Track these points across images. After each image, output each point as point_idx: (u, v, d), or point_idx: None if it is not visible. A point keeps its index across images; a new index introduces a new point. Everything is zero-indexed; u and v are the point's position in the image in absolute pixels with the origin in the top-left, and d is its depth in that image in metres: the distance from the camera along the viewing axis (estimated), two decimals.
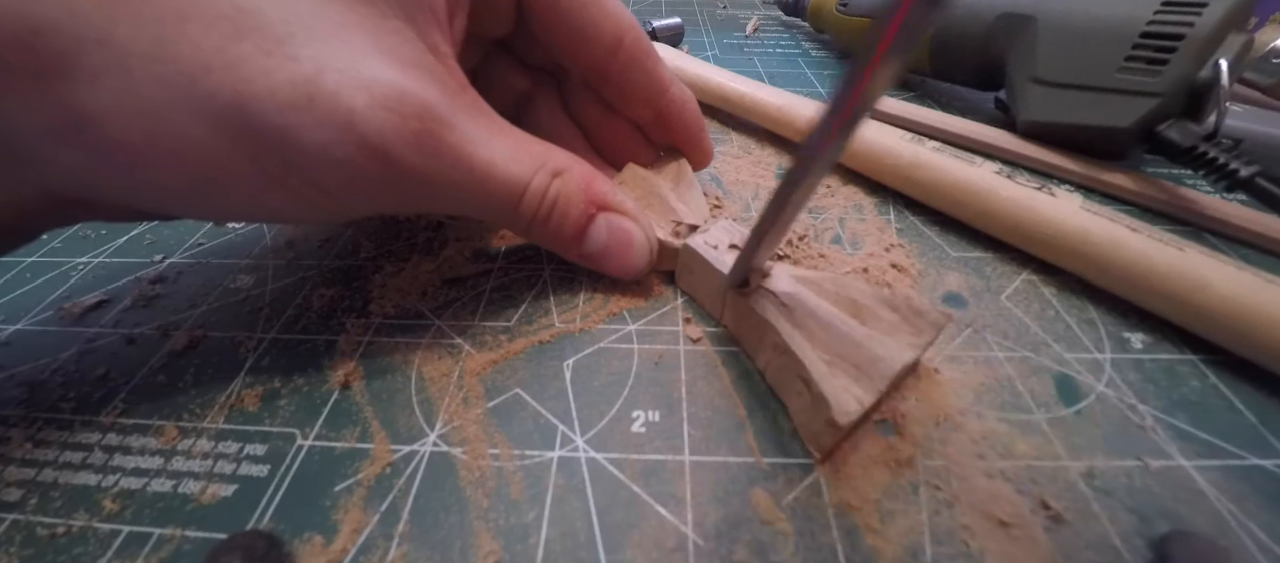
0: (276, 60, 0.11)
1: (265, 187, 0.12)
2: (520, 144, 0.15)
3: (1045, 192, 0.19)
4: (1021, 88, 0.25)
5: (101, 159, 0.11)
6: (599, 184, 0.16)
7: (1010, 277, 0.19)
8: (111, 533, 0.12)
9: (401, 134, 0.12)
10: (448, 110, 0.13)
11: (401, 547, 0.12)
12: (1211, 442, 0.14)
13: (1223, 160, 0.19)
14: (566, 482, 0.13)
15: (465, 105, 0.14)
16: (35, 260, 0.20)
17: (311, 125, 0.11)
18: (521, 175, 0.15)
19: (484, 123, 0.14)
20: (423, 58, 0.13)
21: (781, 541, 0.12)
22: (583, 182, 0.16)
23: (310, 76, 0.11)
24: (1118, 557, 0.12)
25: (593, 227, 0.16)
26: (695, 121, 0.20)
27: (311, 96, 0.11)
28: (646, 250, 0.17)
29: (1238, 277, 0.15)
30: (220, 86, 0.11)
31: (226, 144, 0.11)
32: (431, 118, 0.13)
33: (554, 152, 0.16)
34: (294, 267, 0.19)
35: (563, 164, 0.16)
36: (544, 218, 0.15)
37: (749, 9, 0.50)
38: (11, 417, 0.15)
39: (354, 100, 0.12)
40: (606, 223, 0.16)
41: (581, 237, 0.16)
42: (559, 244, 0.16)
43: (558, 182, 0.15)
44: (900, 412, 0.14)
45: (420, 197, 0.14)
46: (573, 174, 0.16)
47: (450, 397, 0.15)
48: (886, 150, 0.22)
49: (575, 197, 0.16)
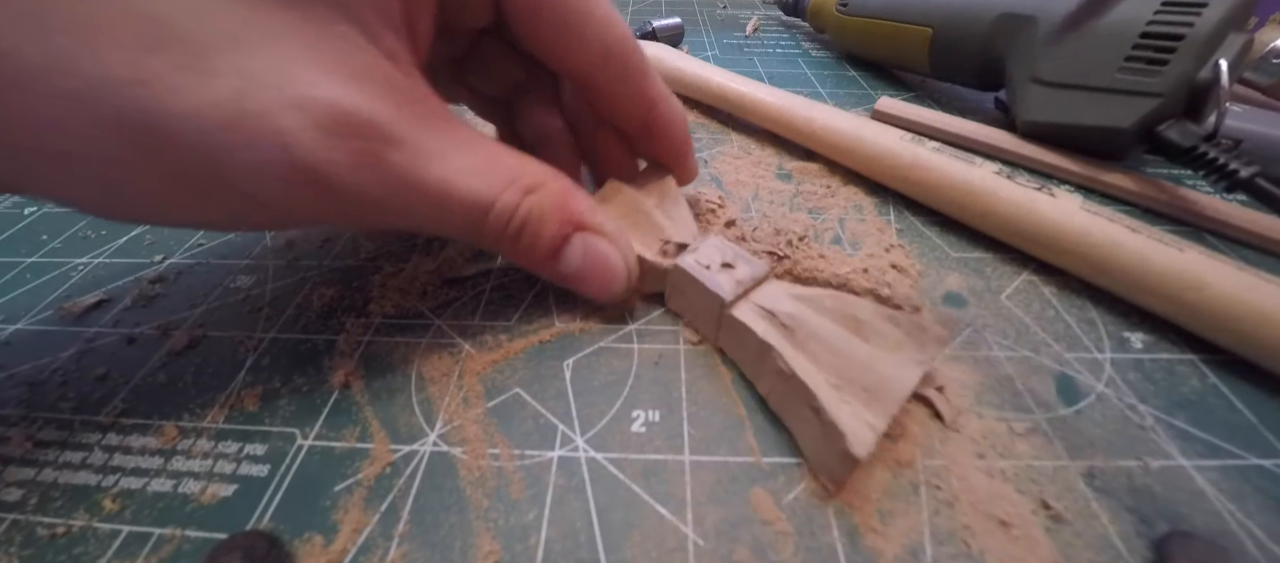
0: (197, 76, 0.10)
1: (193, 202, 0.12)
2: (488, 157, 0.14)
3: (1045, 192, 0.19)
4: (1021, 88, 0.25)
5: (17, 168, 0.11)
6: (576, 201, 0.15)
7: (1010, 277, 0.19)
8: (111, 533, 0.12)
9: (339, 156, 0.11)
10: (397, 125, 0.12)
11: (401, 547, 0.12)
12: (1211, 442, 0.14)
13: (1223, 160, 0.19)
14: (566, 482, 0.13)
15: (421, 116, 0.13)
16: (35, 260, 0.20)
17: (239, 146, 0.11)
18: (485, 192, 0.13)
19: (444, 135, 0.13)
20: (372, 66, 0.13)
21: (781, 541, 0.12)
22: (558, 198, 0.15)
23: (235, 94, 0.10)
24: (1118, 557, 0.12)
25: (567, 247, 0.15)
26: (682, 139, 0.19)
27: (237, 116, 0.10)
28: (624, 273, 0.16)
29: (1237, 277, 0.15)
30: (131, 103, 0.10)
31: (142, 159, 0.11)
32: (375, 136, 0.12)
33: (529, 165, 0.15)
34: (294, 267, 0.19)
35: (537, 179, 0.15)
36: (514, 236, 0.14)
37: (749, 9, 0.50)
38: (11, 417, 0.15)
39: (284, 120, 0.11)
40: (582, 243, 0.15)
41: (555, 256, 0.15)
42: (532, 263, 0.15)
43: (530, 199, 0.14)
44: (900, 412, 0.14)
45: (370, 217, 0.13)
46: (548, 190, 0.15)
47: (450, 397, 0.15)
48: (886, 150, 0.22)
49: (549, 215, 0.15)
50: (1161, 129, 0.21)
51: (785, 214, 0.22)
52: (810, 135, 0.25)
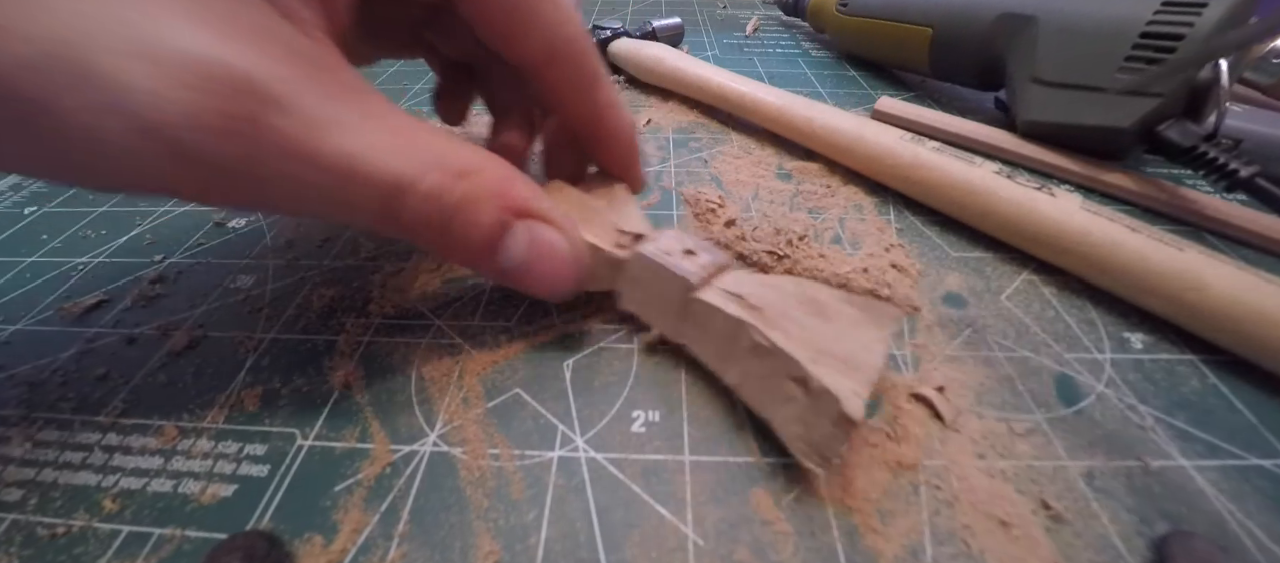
0: (24, 9, 0.09)
1: (22, 155, 0.10)
2: (409, 136, 0.12)
3: (1045, 192, 0.19)
4: (1021, 88, 0.25)
5: None
6: (518, 188, 0.13)
7: (1010, 277, 0.19)
8: (111, 533, 0.12)
9: (202, 118, 0.10)
10: (285, 86, 0.10)
11: (401, 547, 0.12)
12: (1211, 442, 0.14)
13: (1223, 160, 0.19)
14: (566, 482, 0.13)
15: (322, 83, 0.11)
16: (35, 260, 0.20)
17: (71, 104, 0.09)
18: (404, 171, 0.12)
19: (351, 105, 0.11)
20: (262, 23, 0.11)
21: (781, 541, 0.12)
22: (497, 183, 0.13)
23: (67, 36, 0.09)
24: (1118, 557, 0.12)
25: (509, 237, 0.13)
26: (628, 149, 0.18)
27: (69, 62, 0.09)
28: (574, 263, 0.14)
29: (1237, 277, 0.15)
30: None
31: None
32: (252, 96, 0.10)
33: (461, 149, 0.13)
34: (294, 267, 0.19)
35: (471, 164, 0.13)
36: (443, 224, 0.12)
37: (749, 9, 0.50)
38: (11, 417, 0.15)
39: (129, 72, 0.09)
40: (527, 232, 0.13)
41: (494, 249, 0.13)
42: (466, 256, 0.13)
43: (464, 183, 0.12)
44: (900, 412, 0.14)
45: (251, 193, 0.11)
46: (485, 175, 0.13)
47: (450, 397, 0.15)
48: (886, 150, 0.22)
49: (486, 200, 0.13)
50: (1161, 129, 0.21)
51: (785, 214, 0.22)
52: (810, 135, 0.25)
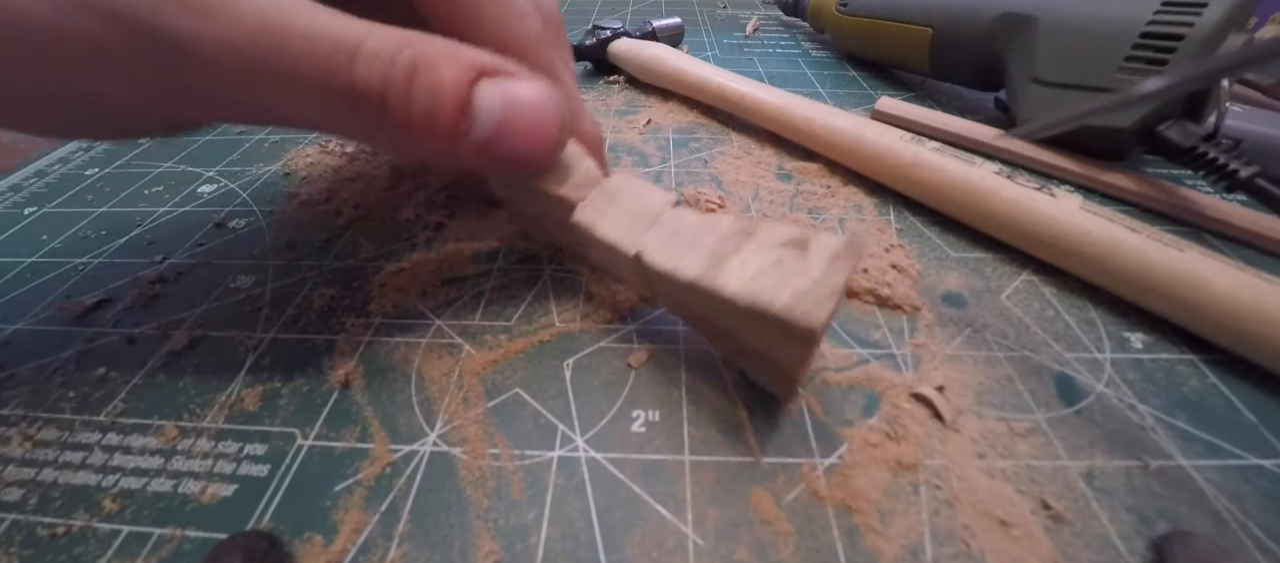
0: None
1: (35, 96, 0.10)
2: (345, 12, 0.11)
3: (1045, 192, 0.19)
4: (1021, 88, 0.25)
5: None
6: (472, 52, 0.12)
7: (1010, 277, 0.19)
8: (111, 533, 0.12)
9: (110, 36, 0.09)
10: None
11: (401, 547, 0.12)
12: (1211, 442, 0.14)
13: (1223, 160, 0.19)
14: (566, 482, 0.13)
15: None
16: (35, 260, 0.20)
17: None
18: (347, 34, 0.11)
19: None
20: None
21: (781, 541, 0.12)
22: (447, 45, 0.12)
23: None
24: (1118, 557, 0.12)
25: (478, 95, 0.12)
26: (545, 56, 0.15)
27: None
28: (557, 114, 0.13)
29: (1237, 277, 0.15)
30: None
31: None
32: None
33: (410, 33, 0.12)
34: (294, 267, 0.19)
35: (412, 33, 0.11)
36: (401, 96, 0.11)
37: (749, 9, 0.50)
38: (11, 417, 0.15)
39: None
40: (498, 88, 0.12)
41: (462, 113, 0.11)
42: (430, 135, 0.12)
43: (414, 46, 0.11)
44: (900, 412, 0.14)
45: (203, 81, 0.10)
46: (433, 40, 0.12)
47: (450, 397, 0.15)
48: (886, 150, 0.22)
49: (442, 59, 0.11)
50: (1161, 129, 0.21)
51: (785, 214, 0.22)
52: (810, 135, 0.25)
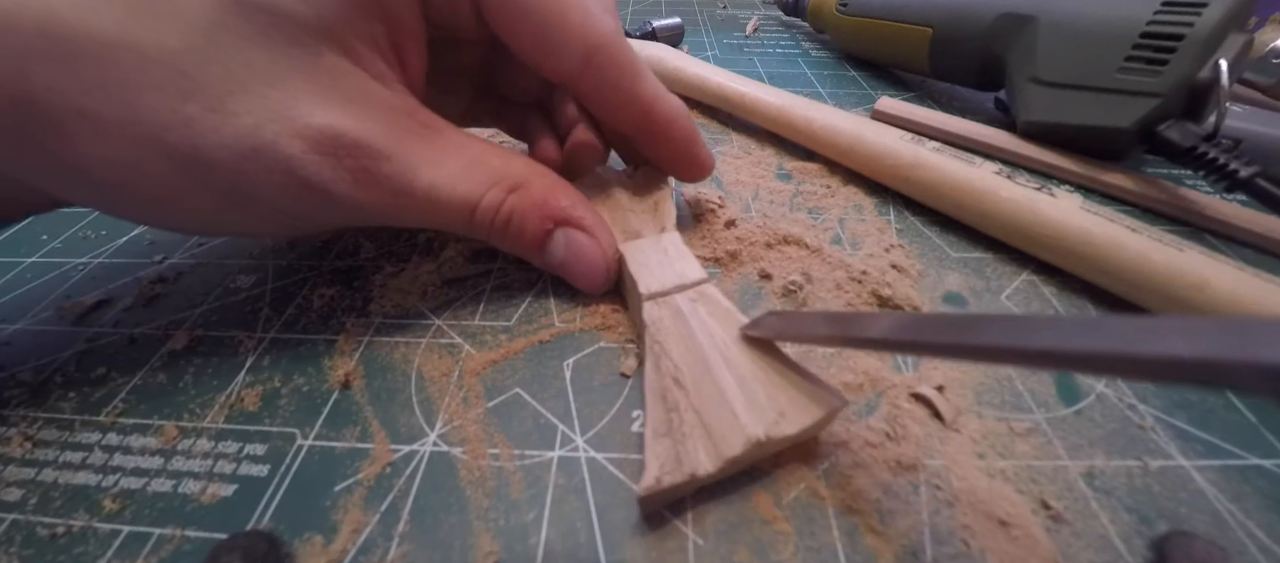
0: (221, 117, 0.12)
1: (233, 213, 0.14)
2: (474, 160, 0.15)
3: (1045, 192, 0.19)
4: (1021, 88, 0.25)
5: (92, 193, 0.14)
6: (558, 197, 0.16)
7: (1010, 277, 0.19)
8: (111, 533, 0.12)
9: (338, 173, 0.13)
10: (385, 140, 0.14)
11: (401, 547, 0.12)
12: (1211, 442, 0.14)
13: (1223, 160, 0.19)
14: (566, 482, 0.13)
15: (409, 130, 0.15)
16: (35, 260, 0.20)
17: (261, 172, 0.13)
18: (469, 194, 0.15)
19: (433, 144, 0.15)
20: (361, 90, 0.14)
21: (781, 541, 0.12)
22: (539, 195, 0.16)
23: (251, 129, 0.13)
24: (1118, 557, 0.12)
25: (551, 241, 0.16)
26: (684, 135, 0.18)
27: (256, 148, 0.13)
28: (604, 265, 0.17)
29: (1238, 277, 0.15)
30: (180, 141, 0.12)
31: (192, 183, 0.13)
32: (366, 153, 0.14)
33: (515, 164, 0.16)
34: (294, 267, 0.19)
35: (520, 178, 0.16)
36: (501, 230, 0.16)
37: (749, 9, 0.50)
38: (11, 417, 0.15)
39: (290, 147, 0.13)
40: (564, 238, 0.16)
41: (541, 248, 0.16)
42: (523, 253, 0.17)
43: (513, 197, 0.16)
44: (900, 412, 0.14)
45: (375, 220, 0.15)
46: (531, 188, 0.16)
47: (450, 397, 0.15)
48: (886, 150, 0.22)
49: (530, 212, 0.16)
50: (1161, 129, 0.21)
51: (785, 214, 0.22)
52: (810, 135, 0.25)
